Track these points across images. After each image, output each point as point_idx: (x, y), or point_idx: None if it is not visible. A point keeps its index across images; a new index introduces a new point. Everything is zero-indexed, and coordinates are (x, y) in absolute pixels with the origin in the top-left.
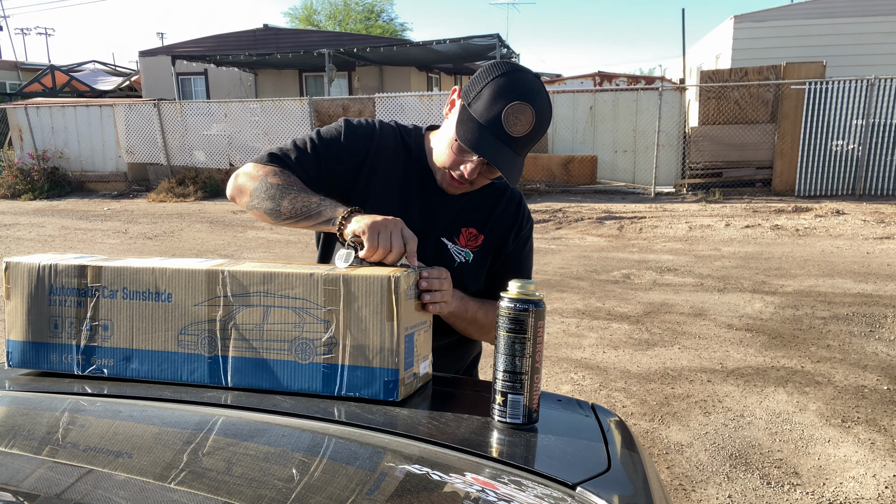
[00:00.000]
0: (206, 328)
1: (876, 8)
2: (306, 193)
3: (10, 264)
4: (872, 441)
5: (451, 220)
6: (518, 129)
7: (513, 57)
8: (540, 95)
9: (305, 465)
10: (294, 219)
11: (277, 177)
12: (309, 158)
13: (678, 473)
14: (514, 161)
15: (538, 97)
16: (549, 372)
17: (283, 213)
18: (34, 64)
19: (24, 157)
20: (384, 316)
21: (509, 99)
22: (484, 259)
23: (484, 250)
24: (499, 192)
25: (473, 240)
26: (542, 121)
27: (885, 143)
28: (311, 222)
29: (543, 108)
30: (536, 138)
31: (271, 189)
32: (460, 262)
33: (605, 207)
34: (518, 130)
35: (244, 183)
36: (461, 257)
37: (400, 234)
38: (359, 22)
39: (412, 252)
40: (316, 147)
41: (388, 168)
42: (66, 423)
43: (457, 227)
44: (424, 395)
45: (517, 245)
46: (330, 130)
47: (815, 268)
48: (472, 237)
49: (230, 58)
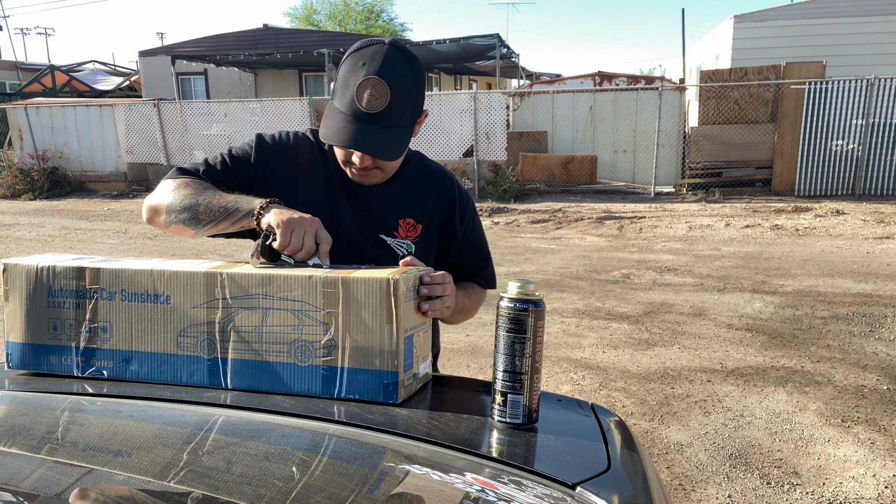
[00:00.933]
0: (205, 330)
1: (876, 8)
2: (221, 194)
3: (8, 266)
4: (872, 441)
5: (386, 214)
6: (375, 104)
7: (513, 57)
8: (390, 61)
9: (305, 464)
10: (214, 221)
11: (189, 186)
12: (218, 174)
13: (678, 473)
14: (386, 136)
15: (388, 64)
16: (549, 372)
17: (201, 220)
18: (34, 64)
19: (23, 157)
20: (383, 318)
21: (357, 78)
22: (428, 247)
23: (425, 239)
24: (429, 178)
25: (413, 230)
26: (399, 87)
27: (885, 143)
28: (230, 221)
29: (398, 72)
30: (404, 104)
31: (186, 199)
32: (403, 254)
33: (604, 207)
34: (375, 105)
35: (157, 202)
36: (402, 250)
37: (313, 234)
38: (359, 22)
39: (324, 253)
40: (226, 163)
41: (309, 176)
42: (65, 422)
43: (394, 221)
44: (424, 395)
45: (466, 228)
46: (242, 146)
47: (814, 268)
48: (410, 227)
49: (230, 58)
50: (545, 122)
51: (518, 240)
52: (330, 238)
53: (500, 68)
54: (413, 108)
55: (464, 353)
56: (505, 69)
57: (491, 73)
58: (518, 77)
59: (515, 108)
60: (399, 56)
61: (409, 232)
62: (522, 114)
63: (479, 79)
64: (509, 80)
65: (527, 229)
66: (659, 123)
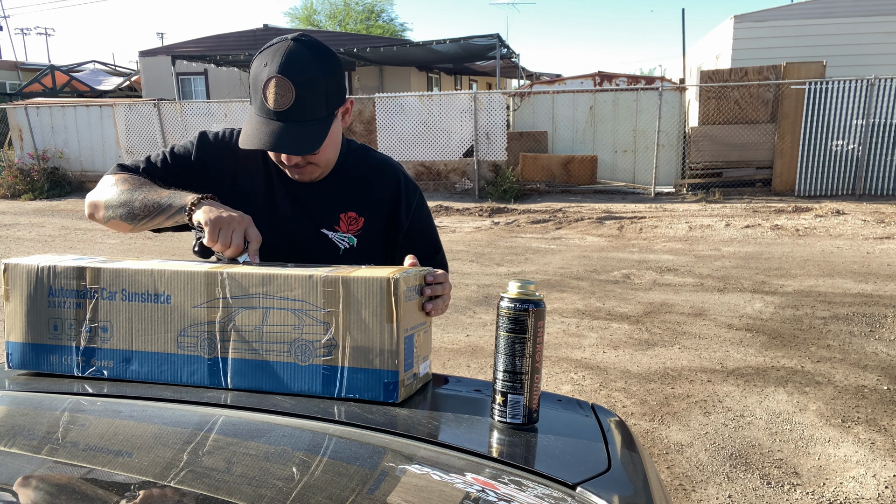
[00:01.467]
0: (205, 330)
1: (876, 8)
2: (157, 190)
3: (8, 266)
4: (872, 441)
5: (327, 208)
6: (282, 101)
7: (513, 57)
8: (291, 56)
9: (306, 464)
10: (149, 217)
11: (127, 182)
12: (158, 171)
13: (678, 473)
14: (301, 131)
15: (289, 60)
16: (549, 372)
17: (137, 215)
18: (34, 64)
19: (24, 157)
20: (384, 317)
21: (262, 79)
22: (371, 240)
23: (368, 231)
24: (373, 170)
25: (354, 223)
26: (304, 81)
27: (885, 143)
28: (164, 216)
29: (301, 67)
30: (313, 97)
31: (123, 194)
32: (345, 249)
33: (605, 207)
34: (282, 103)
35: (96, 198)
36: (345, 244)
37: (242, 232)
38: (359, 22)
39: (253, 251)
40: (167, 161)
41: (249, 174)
42: (66, 422)
43: (335, 215)
44: (424, 395)
45: (413, 218)
46: (185, 144)
47: (815, 268)
48: (352, 221)
49: (230, 58)
50: (545, 123)
51: (518, 240)
52: (259, 237)
53: (501, 68)
54: (326, 99)
55: (464, 353)
56: (505, 69)
57: (491, 73)
58: (518, 77)
59: (515, 109)
60: (302, 50)
61: (350, 225)
62: (522, 114)
63: (479, 79)
64: (509, 81)
65: (527, 229)
66: (659, 123)
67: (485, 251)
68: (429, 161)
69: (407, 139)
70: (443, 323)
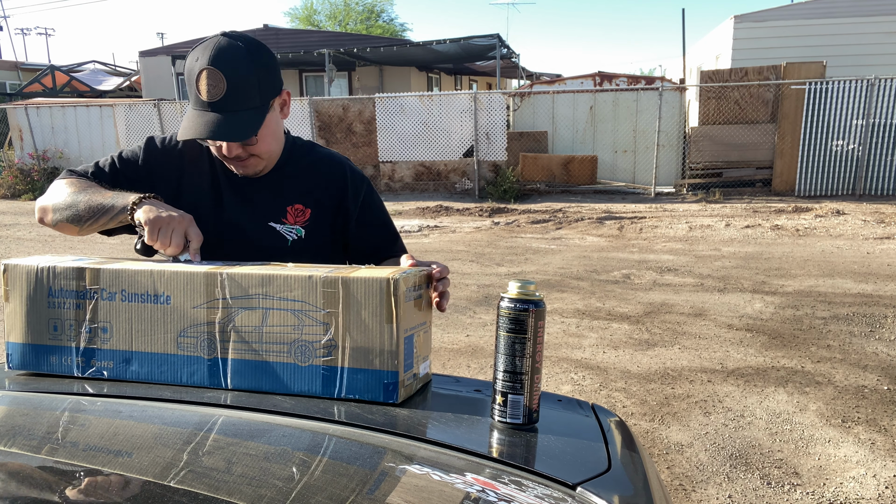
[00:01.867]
0: (205, 330)
1: (876, 8)
2: (102, 192)
3: (8, 266)
4: (872, 441)
5: (274, 202)
6: (214, 92)
7: (513, 57)
8: (220, 49)
9: (306, 464)
10: (94, 218)
11: (74, 185)
12: (106, 175)
13: (678, 473)
14: (235, 120)
15: (219, 52)
16: (549, 372)
17: (83, 217)
18: (34, 64)
19: (24, 158)
20: (383, 318)
21: (194, 73)
22: (320, 231)
23: (316, 223)
24: (319, 163)
25: (301, 215)
26: (233, 71)
27: (885, 143)
28: (108, 217)
29: (230, 58)
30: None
31: (69, 197)
32: (293, 240)
33: (605, 207)
34: (215, 94)
35: (45, 202)
36: (292, 235)
37: (182, 232)
38: (359, 22)
39: (194, 250)
40: (115, 165)
41: (195, 175)
42: (66, 422)
43: (282, 208)
44: (424, 395)
45: (362, 208)
46: (133, 149)
47: (815, 268)
48: (299, 213)
49: None
50: (545, 123)
51: (518, 240)
52: (200, 236)
53: (501, 68)
54: (259, 89)
55: (464, 353)
56: (505, 69)
57: (491, 73)
58: (518, 77)
59: (516, 109)
60: (232, 43)
61: (297, 217)
62: (522, 114)
63: (479, 79)
64: (509, 81)
65: (527, 229)
66: (659, 123)
67: (485, 251)
68: (429, 161)
69: (407, 139)
70: (443, 323)
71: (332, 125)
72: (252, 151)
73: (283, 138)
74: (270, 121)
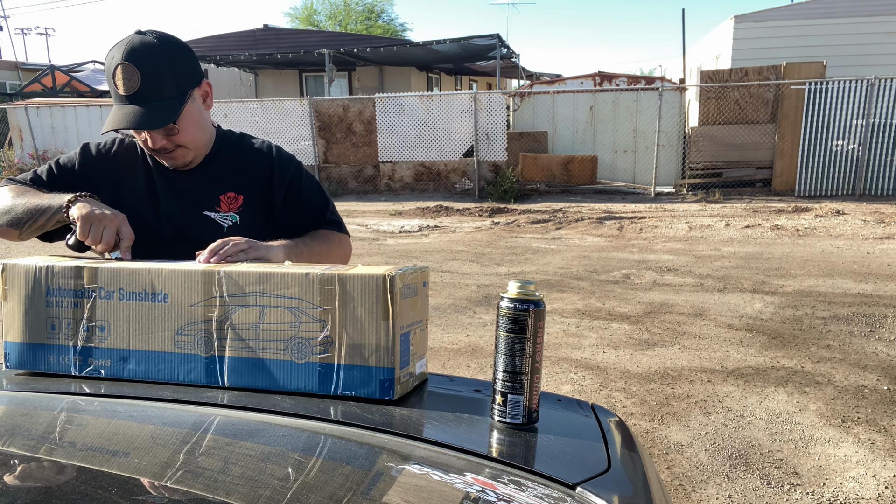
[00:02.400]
0: (202, 328)
1: (876, 8)
2: (38, 195)
3: (6, 266)
4: (872, 441)
5: (206, 192)
6: (130, 85)
7: (513, 57)
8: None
9: (303, 464)
10: (32, 220)
11: (12, 191)
12: (45, 182)
13: (678, 473)
14: (153, 109)
15: (131, 48)
16: (549, 372)
17: (22, 220)
18: (34, 64)
19: (24, 158)
20: (380, 315)
21: (109, 70)
22: (254, 215)
23: (249, 207)
24: (248, 151)
25: (234, 202)
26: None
27: (885, 143)
28: (45, 217)
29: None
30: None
31: (7, 202)
32: (229, 226)
33: (605, 207)
34: (130, 87)
35: None
36: (228, 222)
37: (114, 230)
38: (359, 22)
39: (125, 248)
40: (53, 172)
41: (130, 176)
42: (63, 422)
43: (215, 197)
44: (424, 394)
45: (290, 186)
46: (70, 156)
47: (815, 268)
48: (232, 200)
49: (230, 58)
50: (545, 123)
51: (518, 240)
52: (132, 234)
53: (501, 68)
54: (175, 80)
55: (464, 353)
56: (505, 69)
57: (491, 73)
58: (518, 77)
59: (516, 109)
60: (145, 39)
61: (231, 205)
62: (523, 114)
63: (479, 79)
64: (509, 81)
65: (527, 229)
66: (659, 123)
67: (485, 251)
68: (429, 161)
69: (407, 139)
70: (443, 323)
71: (332, 125)
72: (177, 142)
73: (211, 129)
74: (192, 111)
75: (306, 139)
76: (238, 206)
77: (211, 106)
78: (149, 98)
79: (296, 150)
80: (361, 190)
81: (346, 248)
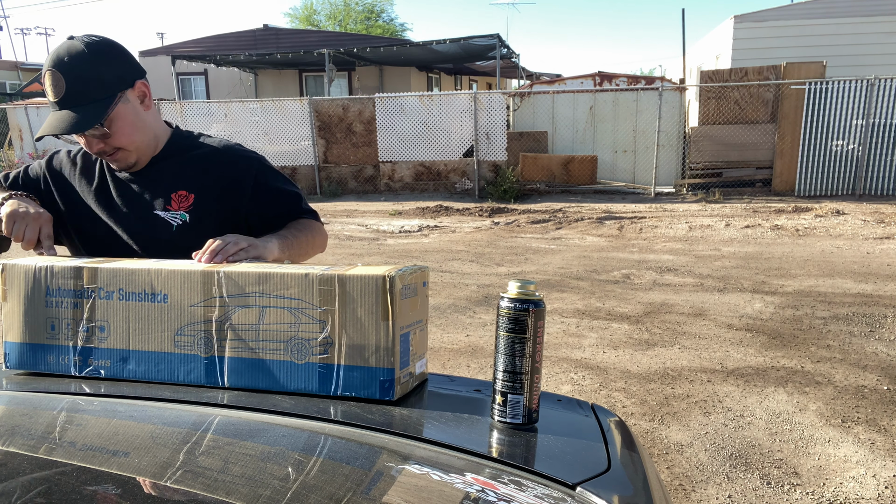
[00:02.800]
0: (202, 329)
1: (876, 8)
2: None
3: (6, 266)
4: (872, 441)
5: (156, 191)
6: (57, 91)
7: (513, 57)
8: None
9: (303, 464)
10: None
11: None
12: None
13: (678, 473)
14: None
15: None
16: (549, 372)
17: None
18: (34, 64)
19: (24, 157)
20: (379, 315)
21: (41, 77)
22: (206, 214)
23: (201, 207)
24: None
25: (185, 200)
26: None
27: (885, 143)
28: None
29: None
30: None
31: None
32: (178, 225)
33: (605, 207)
34: (58, 92)
35: None
36: (177, 220)
37: (36, 229)
38: (359, 22)
39: (47, 246)
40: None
41: (85, 183)
42: (63, 422)
43: (166, 196)
44: (424, 394)
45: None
46: (36, 167)
47: (815, 268)
48: (182, 199)
49: (230, 58)
50: (545, 123)
51: (518, 240)
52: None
53: (501, 68)
54: (101, 83)
55: (464, 353)
56: (505, 69)
57: (491, 73)
58: (518, 77)
59: (516, 109)
60: (72, 44)
61: (181, 203)
62: (522, 114)
63: (479, 79)
64: (509, 81)
65: (527, 229)
66: (659, 123)
67: (485, 251)
68: (429, 161)
69: (407, 139)
70: (443, 323)
71: (332, 125)
72: (113, 144)
73: (155, 130)
74: (125, 113)
75: (306, 139)
76: (188, 204)
77: (150, 107)
78: (75, 101)
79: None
80: (361, 190)
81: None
